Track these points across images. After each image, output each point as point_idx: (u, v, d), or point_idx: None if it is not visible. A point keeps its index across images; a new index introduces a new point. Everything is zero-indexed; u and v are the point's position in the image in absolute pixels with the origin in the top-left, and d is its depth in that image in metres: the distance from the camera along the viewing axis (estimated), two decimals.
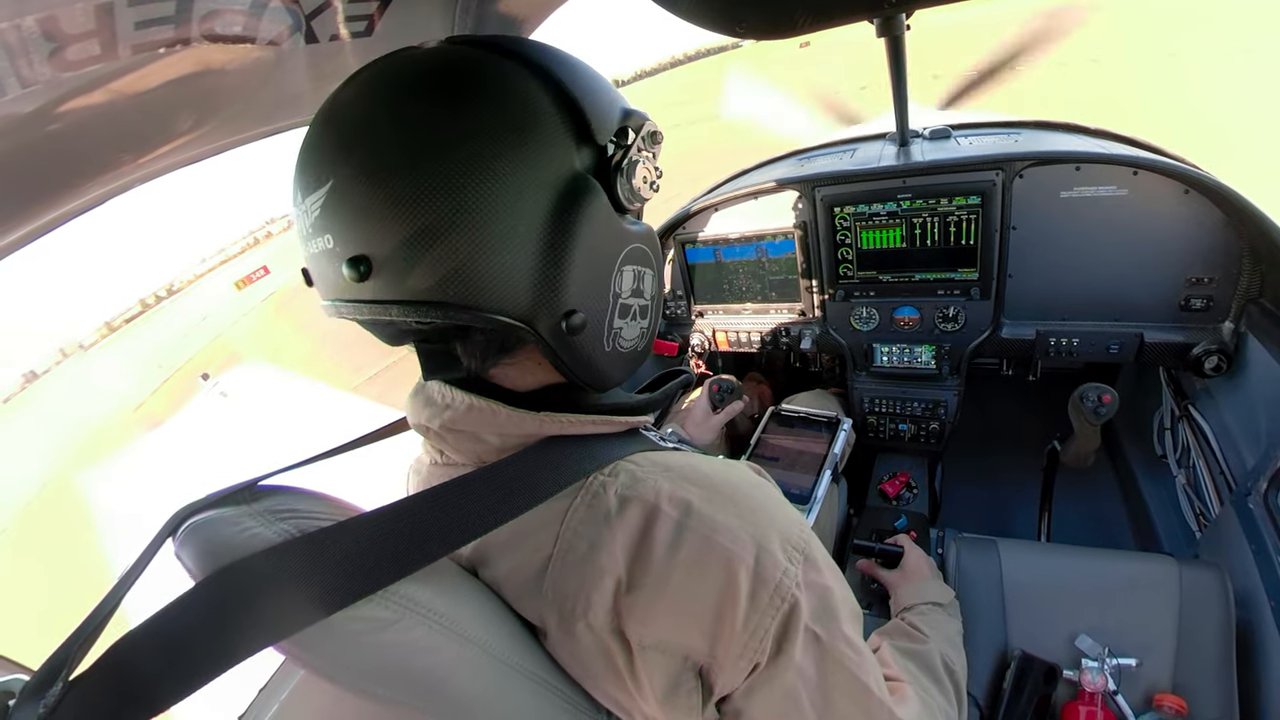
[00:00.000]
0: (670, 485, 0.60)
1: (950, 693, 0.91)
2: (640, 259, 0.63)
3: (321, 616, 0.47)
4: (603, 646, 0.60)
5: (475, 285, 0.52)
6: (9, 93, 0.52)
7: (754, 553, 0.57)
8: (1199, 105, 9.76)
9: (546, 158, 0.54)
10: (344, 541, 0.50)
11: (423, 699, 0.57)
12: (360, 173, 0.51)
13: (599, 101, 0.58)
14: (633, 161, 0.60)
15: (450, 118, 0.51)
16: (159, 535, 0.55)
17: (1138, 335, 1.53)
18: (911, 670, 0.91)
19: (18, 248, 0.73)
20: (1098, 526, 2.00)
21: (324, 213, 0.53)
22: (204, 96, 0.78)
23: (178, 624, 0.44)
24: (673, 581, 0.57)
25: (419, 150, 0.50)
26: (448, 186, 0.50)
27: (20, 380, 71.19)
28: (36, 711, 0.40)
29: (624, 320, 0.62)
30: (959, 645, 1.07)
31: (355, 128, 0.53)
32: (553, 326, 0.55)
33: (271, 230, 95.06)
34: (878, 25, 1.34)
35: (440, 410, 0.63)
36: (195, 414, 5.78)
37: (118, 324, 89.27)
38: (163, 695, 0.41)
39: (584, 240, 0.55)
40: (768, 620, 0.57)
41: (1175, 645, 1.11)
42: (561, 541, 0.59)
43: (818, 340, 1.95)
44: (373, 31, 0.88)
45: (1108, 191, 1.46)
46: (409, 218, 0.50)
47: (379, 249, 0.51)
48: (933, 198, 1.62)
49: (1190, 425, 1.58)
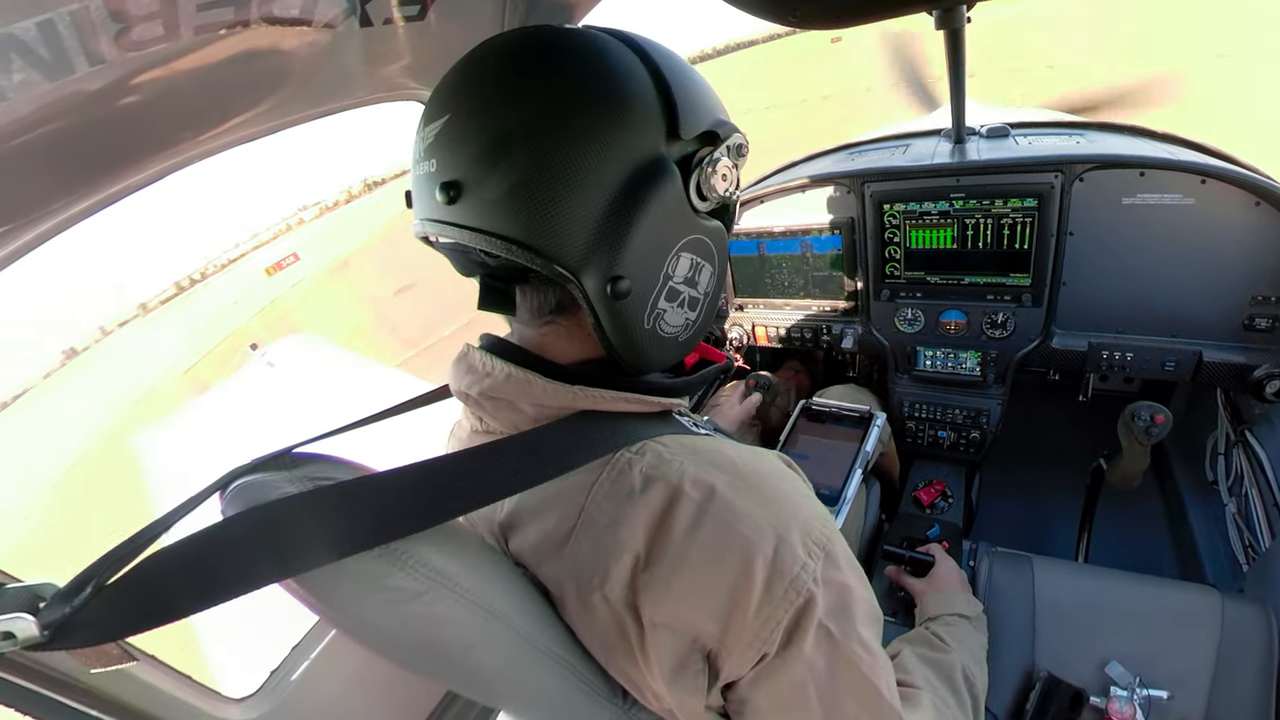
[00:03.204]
0: (695, 468, 0.61)
1: (968, 706, 0.91)
2: (702, 251, 0.65)
3: (340, 558, 0.50)
4: (616, 619, 0.61)
5: (542, 229, 0.56)
6: (78, 71, 0.54)
7: (773, 543, 0.58)
8: (1260, 111, 9.15)
9: (637, 133, 0.58)
10: (371, 492, 0.54)
11: (446, 669, 0.61)
12: (473, 110, 0.57)
13: (695, 103, 0.62)
14: (714, 160, 0.63)
15: (559, 79, 0.57)
16: (209, 488, 0.58)
17: (1196, 353, 1.46)
18: (930, 678, 0.90)
19: (84, 217, 0.77)
20: (1139, 551, 1.93)
21: (436, 140, 0.59)
22: (261, 77, 0.80)
23: (204, 548, 0.48)
24: (689, 563, 0.58)
25: (525, 101, 0.56)
26: (541, 135, 0.55)
27: (60, 357, 75.07)
28: (64, 611, 0.44)
29: (670, 304, 0.63)
30: (982, 660, 1.05)
31: (481, 74, 0.60)
32: (599, 287, 0.58)
33: (304, 217, 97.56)
34: (937, 17, 1.29)
35: (480, 378, 0.66)
36: (243, 382, 6.00)
37: (153, 305, 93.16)
38: (178, 606, 0.45)
39: (649, 214, 0.58)
40: (780, 612, 0.58)
41: (1211, 682, 1.06)
42: (585, 514, 0.61)
43: (860, 340, 1.92)
44: (426, 15, 0.89)
45: (1172, 200, 1.39)
46: (501, 155, 0.55)
47: (470, 177, 0.57)
48: (987, 198, 1.56)
49: (1246, 452, 1.51)
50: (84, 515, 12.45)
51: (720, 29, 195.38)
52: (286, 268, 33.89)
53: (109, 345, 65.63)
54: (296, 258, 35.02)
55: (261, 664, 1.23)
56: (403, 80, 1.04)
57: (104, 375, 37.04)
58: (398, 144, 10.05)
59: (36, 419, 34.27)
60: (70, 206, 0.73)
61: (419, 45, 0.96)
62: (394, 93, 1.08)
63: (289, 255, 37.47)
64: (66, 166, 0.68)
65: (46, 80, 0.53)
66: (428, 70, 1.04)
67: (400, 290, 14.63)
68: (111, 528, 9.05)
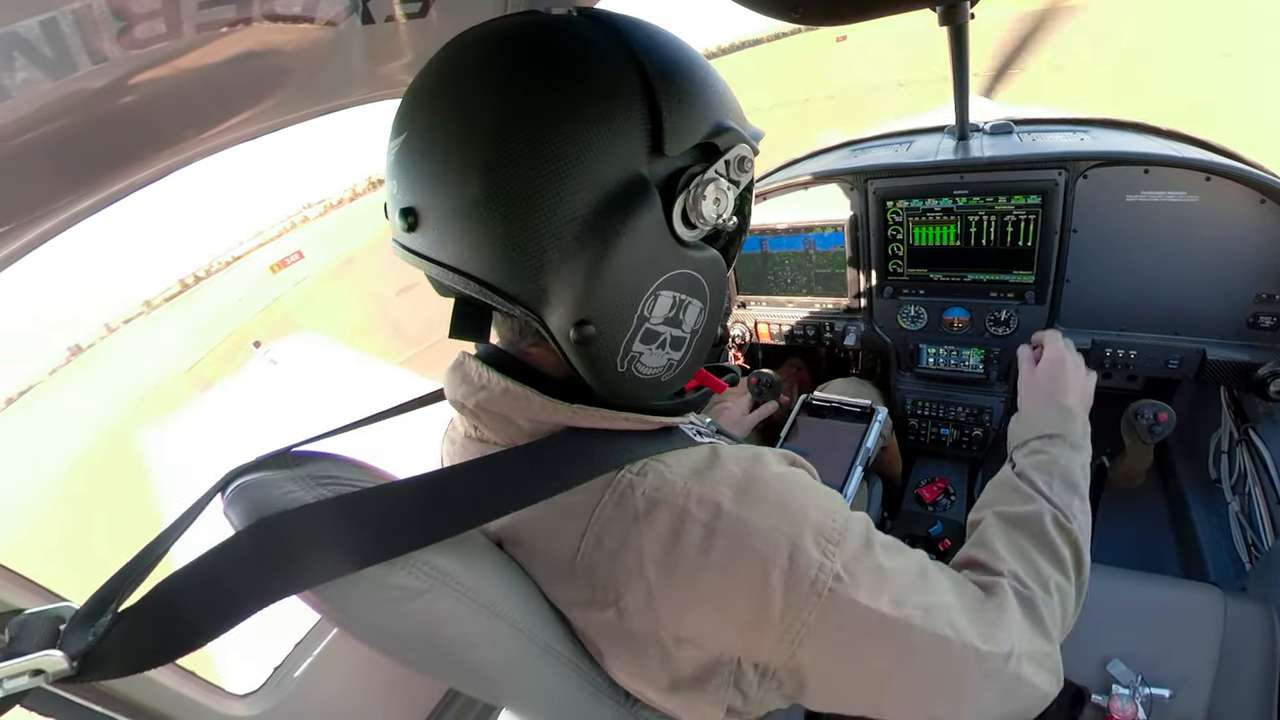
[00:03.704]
0: (699, 487, 0.59)
1: (1066, 557, 0.75)
2: (687, 287, 0.57)
3: (348, 572, 0.50)
4: (630, 634, 0.61)
5: (497, 264, 0.51)
6: (81, 69, 0.54)
7: (787, 552, 0.56)
8: (1265, 110, 9.08)
9: (607, 154, 0.50)
10: (377, 505, 0.54)
11: (447, 667, 0.61)
12: (425, 134, 0.52)
13: (688, 111, 0.54)
14: (704, 180, 0.55)
15: (520, 85, 0.50)
16: (210, 491, 0.58)
17: (1200, 351, 1.45)
18: (1021, 545, 0.75)
19: (88, 215, 0.77)
20: (1141, 549, 1.92)
21: (395, 161, 0.54)
22: (264, 75, 0.80)
23: (217, 567, 0.48)
24: (705, 583, 0.57)
25: (480, 115, 0.50)
26: (496, 164, 0.49)
27: (65, 353, 75.25)
28: (86, 638, 0.44)
29: (647, 346, 0.57)
30: (1079, 486, 0.84)
31: (432, 90, 0.54)
32: (563, 330, 0.52)
33: (308, 215, 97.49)
34: (940, 13, 1.28)
35: (475, 390, 0.63)
36: (246, 379, 6.02)
37: (157, 302, 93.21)
38: (201, 631, 0.45)
39: (618, 250, 0.50)
40: (805, 613, 0.56)
41: (1213, 680, 1.06)
42: (590, 535, 0.60)
43: (862, 337, 1.91)
44: (428, 12, 0.89)
45: (1177, 197, 1.38)
46: (455, 188, 0.50)
47: (425, 205, 0.53)
48: (991, 195, 1.56)
49: (1249, 450, 1.50)
50: (88, 512, 12.51)
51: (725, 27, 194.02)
52: (290, 265, 33.91)
53: (114, 342, 65.89)
54: (301, 255, 35.04)
55: (265, 660, 1.24)
56: (405, 77, 1.04)
57: (109, 372, 37.15)
58: None
59: (42, 415, 34.41)
60: (74, 204, 0.73)
61: (421, 42, 0.96)
62: (396, 90, 1.08)
63: (293, 253, 37.47)
64: (69, 164, 0.68)
65: (49, 78, 0.53)
66: None
67: (403, 289, 14.63)
68: (115, 526, 9.09)
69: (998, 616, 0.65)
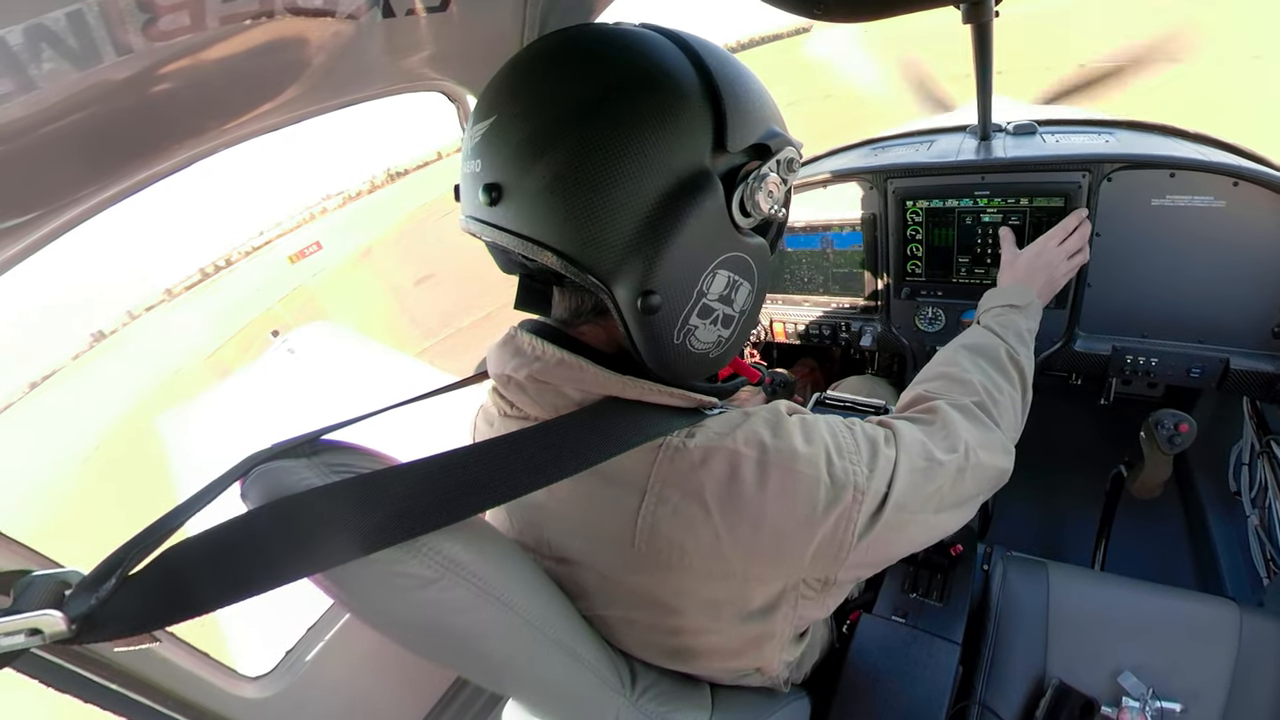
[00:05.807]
0: (743, 431, 0.65)
1: (1015, 379, 0.98)
2: (740, 269, 0.64)
3: (361, 555, 0.51)
4: (699, 583, 0.66)
5: (576, 236, 0.57)
6: (106, 60, 0.55)
7: (825, 467, 0.64)
8: None
9: (680, 145, 0.58)
10: (395, 486, 0.55)
11: (456, 656, 0.62)
12: (517, 115, 0.58)
13: (746, 114, 0.62)
14: (760, 175, 0.62)
15: (603, 82, 0.58)
16: (229, 474, 0.59)
17: (1223, 360, 1.42)
18: (979, 364, 0.97)
19: (112, 204, 0.78)
20: (1158, 560, 1.90)
21: (482, 141, 0.60)
22: (285, 67, 0.81)
23: (229, 540, 0.49)
24: (767, 515, 0.63)
25: (567, 105, 0.57)
26: (579, 140, 0.55)
27: (89, 339, 76.70)
28: (89, 603, 0.45)
29: (702, 320, 0.63)
30: (1026, 340, 1.09)
31: (528, 75, 0.61)
32: (629, 300, 0.58)
33: (327, 206, 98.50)
34: (964, 11, 1.26)
35: (529, 361, 0.67)
36: (264, 368, 6.09)
37: (178, 290, 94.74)
38: (205, 599, 0.47)
39: (686, 229, 0.57)
40: (855, 515, 0.65)
41: (1226, 697, 1.04)
42: (650, 496, 0.63)
43: (879, 338, 1.89)
44: (448, 7, 0.89)
45: (1203, 202, 1.35)
46: (539, 159, 0.56)
47: (511, 181, 0.58)
48: (1012, 197, 1.53)
49: (1270, 462, 1.47)
50: (110, 490, 12.76)
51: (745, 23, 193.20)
52: (309, 256, 34.25)
53: (136, 329, 67.02)
54: (319, 246, 35.37)
55: (277, 643, 1.26)
56: (425, 71, 1.05)
57: (131, 357, 37.80)
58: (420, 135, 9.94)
59: (67, 398, 35.11)
60: (98, 193, 0.74)
61: (441, 36, 0.96)
62: (416, 83, 1.09)
63: (312, 243, 37.83)
64: (94, 154, 0.69)
65: (75, 69, 0.54)
66: (449, 61, 1.05)
67: (420, 280, 14.76)
68: (133, 503, 9.27)
69: (946, 429, 0.79)
